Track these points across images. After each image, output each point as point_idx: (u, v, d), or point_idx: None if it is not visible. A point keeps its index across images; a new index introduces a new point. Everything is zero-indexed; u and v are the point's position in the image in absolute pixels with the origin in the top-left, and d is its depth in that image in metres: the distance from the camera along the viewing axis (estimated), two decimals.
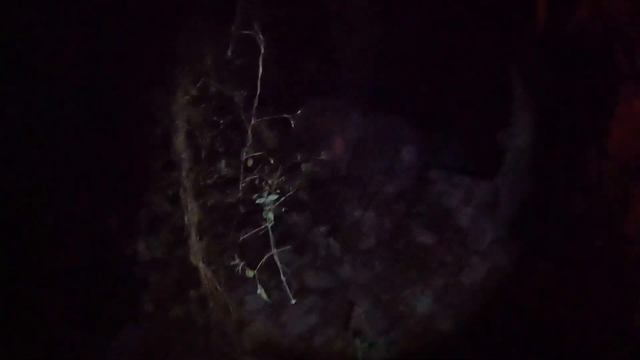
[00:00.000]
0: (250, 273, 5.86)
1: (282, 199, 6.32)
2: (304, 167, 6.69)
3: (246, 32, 6.13)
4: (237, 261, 5.90)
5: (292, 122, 6.41)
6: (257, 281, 5.86)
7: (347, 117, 7.01)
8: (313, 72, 6.96)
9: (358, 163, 7.02)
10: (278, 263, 5.94)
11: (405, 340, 5.77)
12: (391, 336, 5.78)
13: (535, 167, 6.17)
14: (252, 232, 6.15)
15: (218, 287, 6.19)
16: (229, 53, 6.64)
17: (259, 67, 6.20)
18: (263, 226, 6.07)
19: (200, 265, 6.11)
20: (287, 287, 6.02)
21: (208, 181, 6.36)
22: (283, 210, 6.37)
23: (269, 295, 5.98)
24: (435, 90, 6.73)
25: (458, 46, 6.48)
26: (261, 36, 6.01)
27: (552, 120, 5.94)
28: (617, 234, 5.51)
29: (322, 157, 6.70)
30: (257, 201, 6.21)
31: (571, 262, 5.79)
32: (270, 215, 6.02)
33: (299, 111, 6.28)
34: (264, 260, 5.91)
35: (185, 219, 6.29)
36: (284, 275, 5.98)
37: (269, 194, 6.29)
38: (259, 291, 5.90)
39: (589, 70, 5.56)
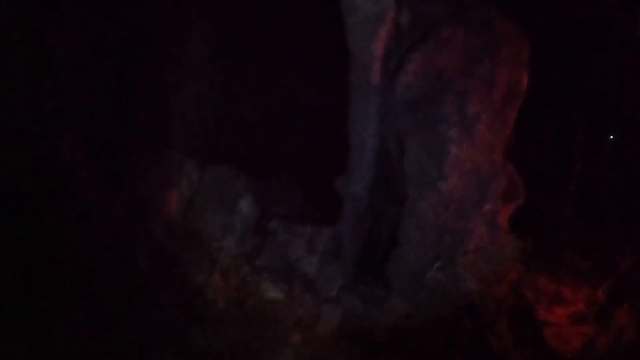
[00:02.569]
0: None
1: None
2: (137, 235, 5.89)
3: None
4: None
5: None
6: None
7: (180, 169, 6.35)
8: (145, 123, 6.15)
9: (195, 219, 6.42)
10: None
11: None
12: None
13: (374, 211, 6.28)
14: None
15: None
16: None
17: None
18: None
19: None
20: None
21: None
22: None
23: None
24: (271, 139, 6.48)
25: (294, 96, 6.31)
26: None
27: (390, 166, 6.10)
28: (454, 267, 5.88)
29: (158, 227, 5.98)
30: None
31: (417, 297, 6.03)
32: None
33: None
34: None
35: None
36: None
37: None
38: None
39: (423, 119, 5.82)
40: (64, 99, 5.51)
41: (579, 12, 7.14)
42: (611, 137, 8.15)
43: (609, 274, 7.10)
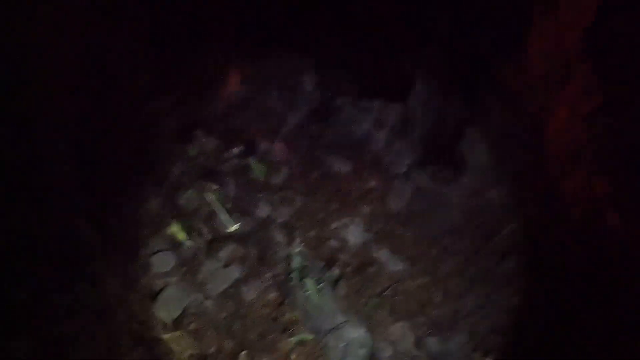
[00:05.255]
0: None
1: None
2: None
3: None
4: None
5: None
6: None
7: (238, 49, 5.85)
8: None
9: (256, 96, 5.95)
10: None
11: (348, 275, 4.93)
12: (333, 274, 4.88)
13: (449, 85, 5.77)
14: None
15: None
16: None
17: None
18: None
19: None
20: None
21: None
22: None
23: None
24: (333, 17, 5.93)
25: None
26: None
27: (466, 38, 5.58)
28: (539, 141, 5.37)
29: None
30: None
31: (491, 176, 5.54)
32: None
33: None
34: None
35: None
36: None
37: None
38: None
39: None
40: None
41: None
42: None
43: None
